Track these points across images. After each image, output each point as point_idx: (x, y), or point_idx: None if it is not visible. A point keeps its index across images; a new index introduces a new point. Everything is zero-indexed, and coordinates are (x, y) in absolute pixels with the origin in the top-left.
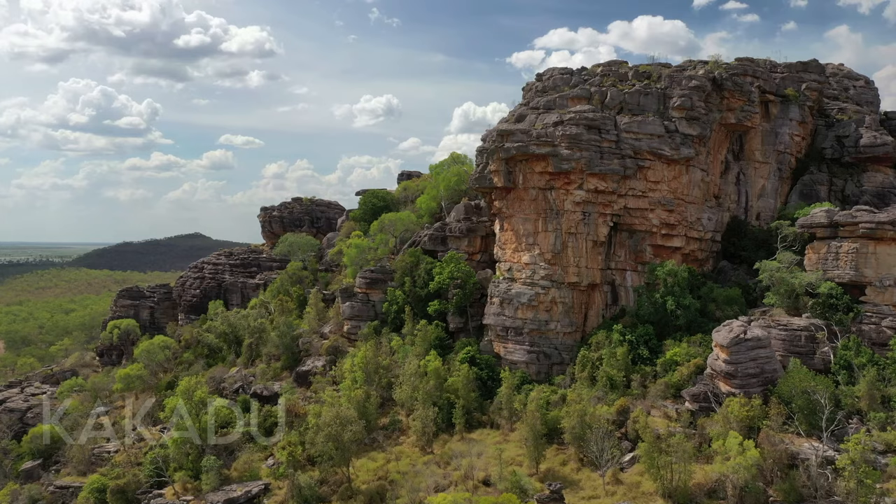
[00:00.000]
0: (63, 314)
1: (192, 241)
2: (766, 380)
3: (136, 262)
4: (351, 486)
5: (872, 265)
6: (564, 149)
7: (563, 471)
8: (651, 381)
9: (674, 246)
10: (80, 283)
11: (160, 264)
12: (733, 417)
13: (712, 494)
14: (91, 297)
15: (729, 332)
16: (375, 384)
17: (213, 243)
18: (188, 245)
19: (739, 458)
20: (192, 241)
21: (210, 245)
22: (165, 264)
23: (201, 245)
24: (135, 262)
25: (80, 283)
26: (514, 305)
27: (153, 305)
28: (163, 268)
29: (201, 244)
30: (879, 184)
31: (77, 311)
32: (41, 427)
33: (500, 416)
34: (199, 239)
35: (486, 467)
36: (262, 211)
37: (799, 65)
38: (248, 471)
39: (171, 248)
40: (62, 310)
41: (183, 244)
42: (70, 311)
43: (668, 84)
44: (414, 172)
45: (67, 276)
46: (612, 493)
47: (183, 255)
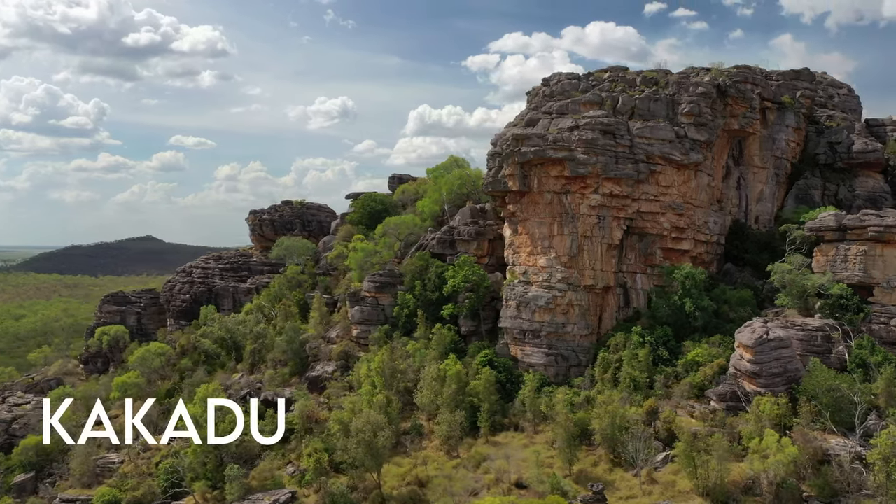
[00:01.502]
0: (13, 320)
1: (145, 245)
2: (790, 379)
3: (86, 266)
4: (381, 492)
5: (880, 267)
6: (581, 153)
7: (595, 472)
8: (673, 381)
9: (683, 249)
10: (29, 288)
11: (112, 268)
12: (765, 416)
13: (748, 491)
14: (41, 303)
15: (752, 332)
16: (394, 389)
17: (166, 246)
18: (140, 248)
19: (779, 455)
20: (144, 245)
21: (163, 248)
22: (118, 268)
23: (154, 248)
24: (85, 266)
25: (29, 288)
26: (531, 308)
27: (140, 311)
28: (115, 272)
29: (154, 247)
30: (871, 188)
31: (28, 316)
32: (32, 438)
33: (523, 419)
34: (152, 242)
35: (518, 470)
36: (251, 214)
37: (792, 73)
38: (268, 479)
39: (123, 251)
40: (11, 315)
41: (135, 247)
42: (20, 318)
43: (676, 90)
44: (406, 176)
45: (14, 280)
46: (649, 492)
47: (135, 259)
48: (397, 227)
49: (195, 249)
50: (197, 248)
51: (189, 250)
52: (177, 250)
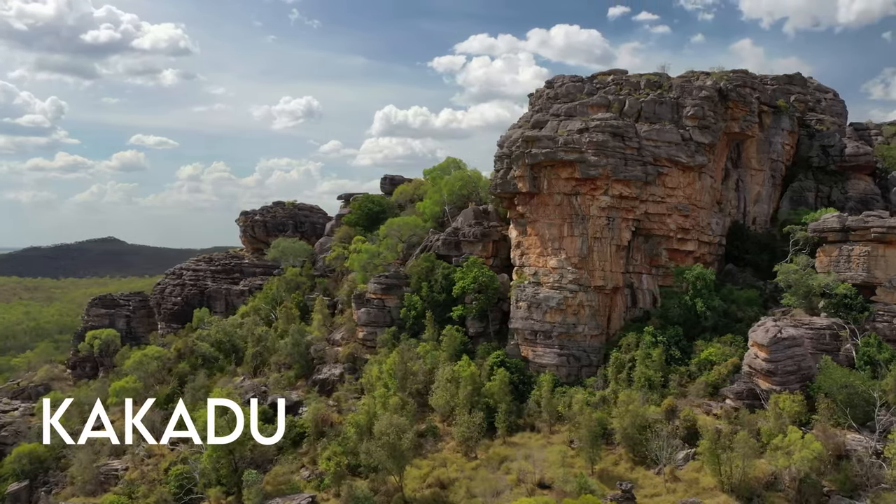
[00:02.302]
0: None
1: (106, 246)
2: (803, 376)
3: (47, 269)
4: (403, 494)
5: (882, 267)
6: (591, 155)
7: (616, 470)
8: (687, 380)
9: (688, 250)
10: None
11: (73, 270)
12: (786, 413)
13: (770, 487)
14: (1, 306)
15: (766, 331)
16: (407, 391)
17: (128, 248)
18: (101, 250)
19: (804, 451)
20: (105, 246)
21: (125, 250)
22: (79, 270)
23: (116, 250)
24: (45, 269)
25: None
26: (542, 309)
27: (129, 314)
28: (76, 274)
29: (116, 249)
30: (862, 191)
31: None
32: (25, 446)
33: (539, 419)
34: (114, 243)
35: (539, 470)
36: (242, 215)
37: (785, 77)
38: (283, 483)
39: (84, 252)
40: None
41: (96, 249)
42: None
43: (680, 93)
44: (398, 177)
45: None
46: (673, 490)
47: (96, 261)
48: (399, 229)
49: (157, 251)
50: (159, 250)
51: (151, 252)
52: (139, 252)
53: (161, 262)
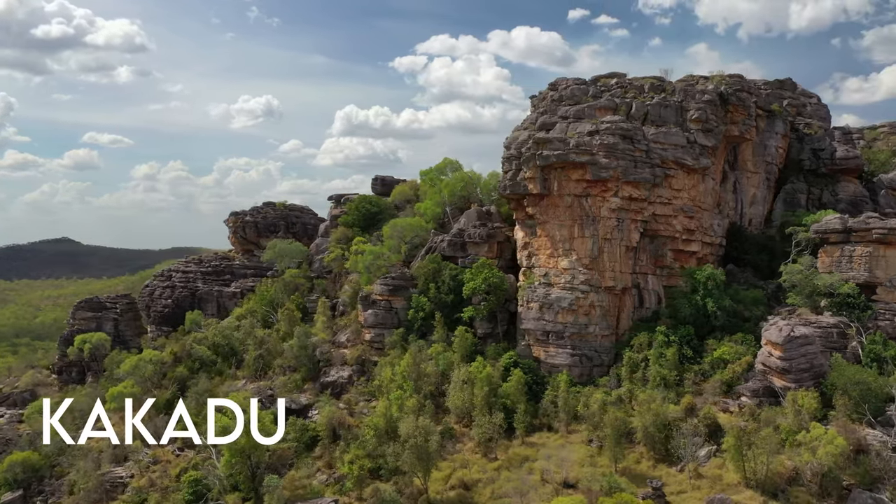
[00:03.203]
0: None
1: (60, 247)
2: (816, 374)
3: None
4: (428, 496)
5: (882, 267)
6: (602, 157)
7: (639, 468)
8: (700, 379)
9: (691, 250)
10: None
11: (26, 272)
12: (805, 410)
13: (792, 482)
14: None
15: (779, 330)
16: (422, 392)
17: (83, 248)
18: (55, 250)
19: (828, 446)
20: (59, 247)
21: (81, 251)
22: (32, 272)
23: (71, 251)
24: None
25: None
26: (554, 310)
27: (117, 317)
28: (30, 275)
29: (70, 249)
30: (852, 193)
31: None
32: (18, 454)
33: (556, 419)
34: (68, 244)
35: (562, 469)
36: (231, 216)
37: (776, 82)
38: (300, 488)
39: (37, 253)
40: None
41: (49, 249)
42: None
43: (683, 97)
44: (388, 177)
45: None
46: (698, 486)
47: (50, 262)
48: (402, 230)
49: (114, 252)
50: (116, 251)
51: (108, 252)
52: (95, 252)
53: (119, 263)
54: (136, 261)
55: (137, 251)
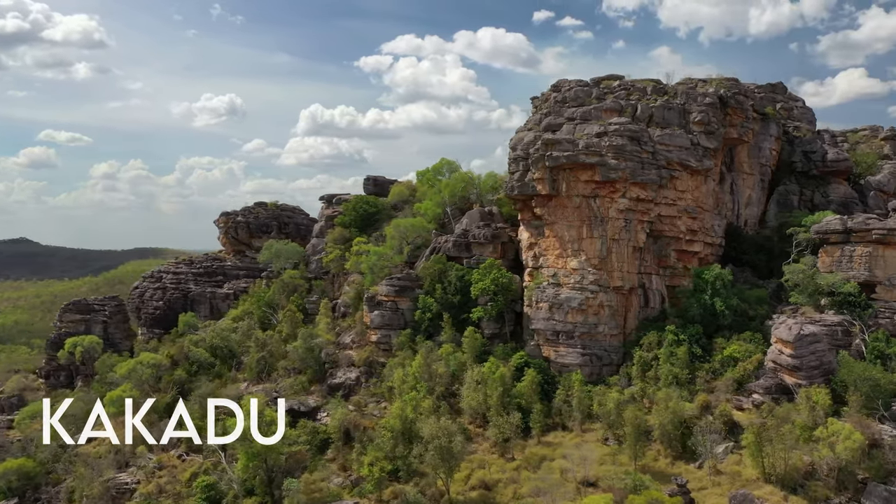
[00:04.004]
0: None
1: (18, 247)
2: (825, 371)
3: None
4: (450, 497)
5: (881, 266)
6: (611, 159)
7: (658, 466)
8: (711, 377)
9: (694, 250)
10: None
11: None
12: (819, 406)
13: (809, 477)
14: None
15: (789, 329)
16: (435, 394)
17: (41, 249)
18: (12, 251)
19: (847, 441)
20: (17, 247)
21: (39, 251)
22: None
23: (29, 251)
24: None
25: None
26: (564, 310)
27: (106, 319)
28: None
29: (29, 250)
30: (842, 194)
31: None
32: (12, 461)
33: (569, 419)
34: (26, 244)
35: (583, 468)
36: (222, 216)
37: (768, 86)
38: (316, 491)
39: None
40: None
41: (6, 250)
42: None
43: (686, 100)
44: (380, 177)
45: None
46: (718, 483)
47: (8, 263)
48: (405, 230)
49: (75, 252)
50: (77, 251)
51: (68, 253)
52: (54, 253)
53: (80, 265)
54: (98, 262)
55: (99, 252)
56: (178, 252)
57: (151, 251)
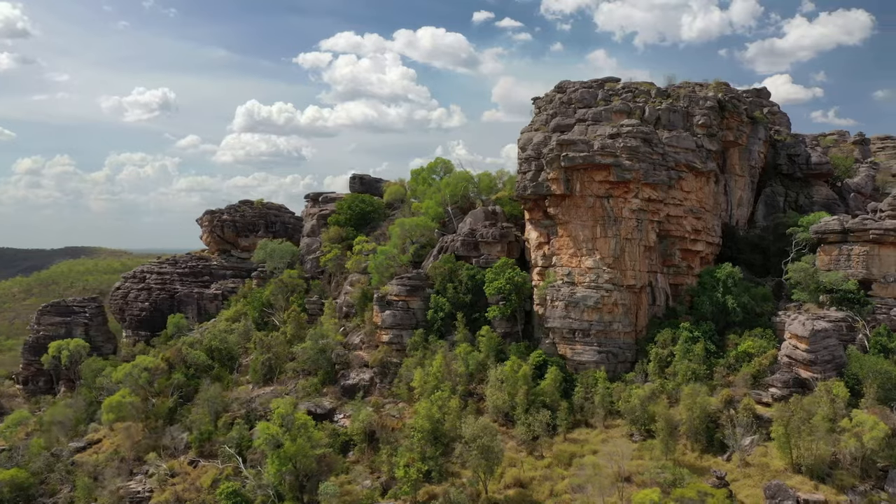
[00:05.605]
0: None
1: None
2: (837, 364)
3: None
4: (489, 496)
5: (877, 265)
6: (625, 160)
7: (687, 459)
8: (727, 372)
9: (697, 250)
10: None
11: None
12: (840, 398)
13: (833, 466)
14: None
15: (802, 325)
16: (458, 393)
17: None
18: None
19: (874, 431)
20: None
21: None
22: None
23: None
24: None
25: None
26: (580, 308)
27: (87, 322)
28: None
29: None
30: (825, 196)
31: None
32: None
33: (592, 415)
34: None
35: (615, 464)
36: (206, 214)
37: (754, 91)
38: (346, 494)
39: None
40: None
41: None
42: None
43: (688, 103)
44: (366, 176)
45: None
46: (748, 474)
47: None
48: (410, 230)
49: (0, 252)
50: (3, 251)
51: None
52: None
53: (7, 264)
54: (26, 261)
55: (26, 251)
56: (111, 251)
57: (83, 250)
